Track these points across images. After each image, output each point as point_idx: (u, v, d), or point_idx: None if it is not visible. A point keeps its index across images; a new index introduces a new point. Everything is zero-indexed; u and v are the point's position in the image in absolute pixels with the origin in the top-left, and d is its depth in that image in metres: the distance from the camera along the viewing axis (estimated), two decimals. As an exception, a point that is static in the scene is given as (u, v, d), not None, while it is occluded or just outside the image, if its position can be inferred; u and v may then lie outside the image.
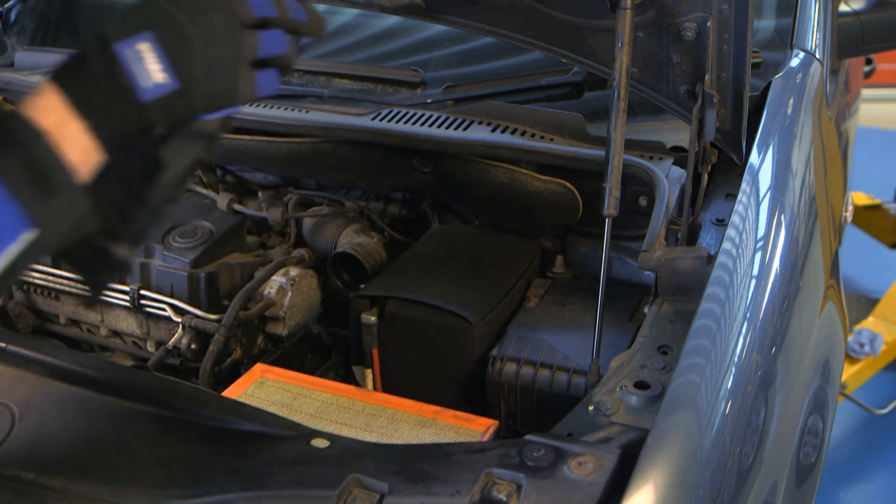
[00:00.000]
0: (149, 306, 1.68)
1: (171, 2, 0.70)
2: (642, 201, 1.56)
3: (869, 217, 3.81)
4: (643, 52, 1.37)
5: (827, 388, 1.48)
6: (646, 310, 1.34)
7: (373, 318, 1.47)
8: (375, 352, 1.50)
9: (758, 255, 1.27)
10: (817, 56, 1.77)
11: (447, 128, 1.66)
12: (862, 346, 3.08)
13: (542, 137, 1.63)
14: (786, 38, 1.78)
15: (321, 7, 2.38)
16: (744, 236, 1.28)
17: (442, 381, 1.46)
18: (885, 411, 3.04)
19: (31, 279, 1.79)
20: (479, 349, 1.43)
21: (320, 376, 1.61)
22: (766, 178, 1.40)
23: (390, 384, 1.52)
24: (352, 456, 1.07)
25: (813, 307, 1.44)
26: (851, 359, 3.04)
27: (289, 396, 1.39)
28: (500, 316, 1.49)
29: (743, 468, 1.07)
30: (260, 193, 1.91)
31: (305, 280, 1.71)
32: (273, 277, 1.69)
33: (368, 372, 1.52)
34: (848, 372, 2.97)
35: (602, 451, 0.99)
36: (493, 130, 1.65)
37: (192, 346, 1.62)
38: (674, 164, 1.53)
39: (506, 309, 1.51)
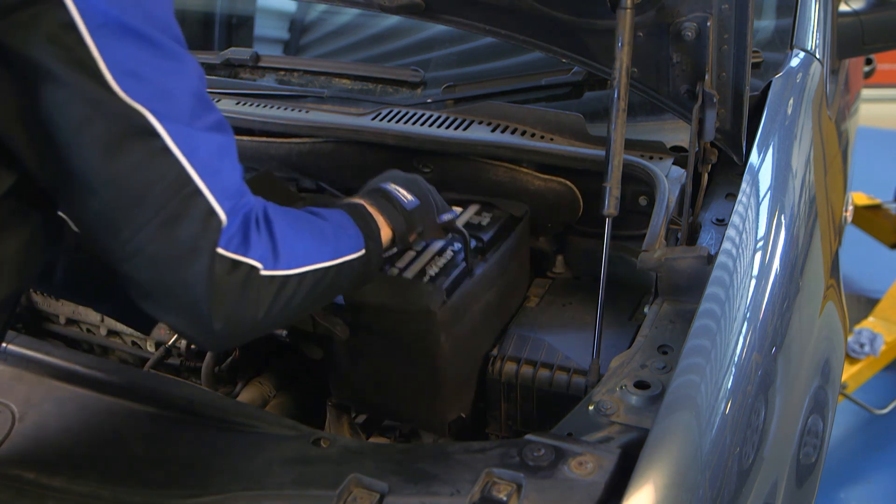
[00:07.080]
0: (149, 306, 1.68)
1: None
2: (642, 201, 1.56)
3: (869, 217, 3.80)
4: (643, 52, 1.37)
5: (827, 388, 1.48)
6: (646, 310, 1.33)
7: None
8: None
9: (758, 255, 1.27)
10: (817, 56, 1.77)
11: (447, 128, 1.66)
12: (862, 346, 3.07)
13: (543, 137, 1.63)
14: (786, 38, 1.78)
15: (321, 7, 2.39)
16: (744, 236, 1.28)
17: (411, 369, 1.37)
18: (885, 411, 3.04)
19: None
20: (445, 334, 1.32)
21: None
22: (766, 178, 1.40)
23: (366, 374, 1.43)
24: (352, 456, 1.07)
25: (813, 307, 1.43)
26: (851, 359, 3.03)
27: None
28: (469, 299, 1.38)
29: (743, 468, 1.07)
30: (260, 193, 1.91)
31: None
32: (273, 277, 1.68)
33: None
34: (848, 372, 2.97)
35: (602, 450, 0.99)
36: (494, 130, 1.65)
37: (192, 346, 1.62)
38: (674, 164, 1.53)
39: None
